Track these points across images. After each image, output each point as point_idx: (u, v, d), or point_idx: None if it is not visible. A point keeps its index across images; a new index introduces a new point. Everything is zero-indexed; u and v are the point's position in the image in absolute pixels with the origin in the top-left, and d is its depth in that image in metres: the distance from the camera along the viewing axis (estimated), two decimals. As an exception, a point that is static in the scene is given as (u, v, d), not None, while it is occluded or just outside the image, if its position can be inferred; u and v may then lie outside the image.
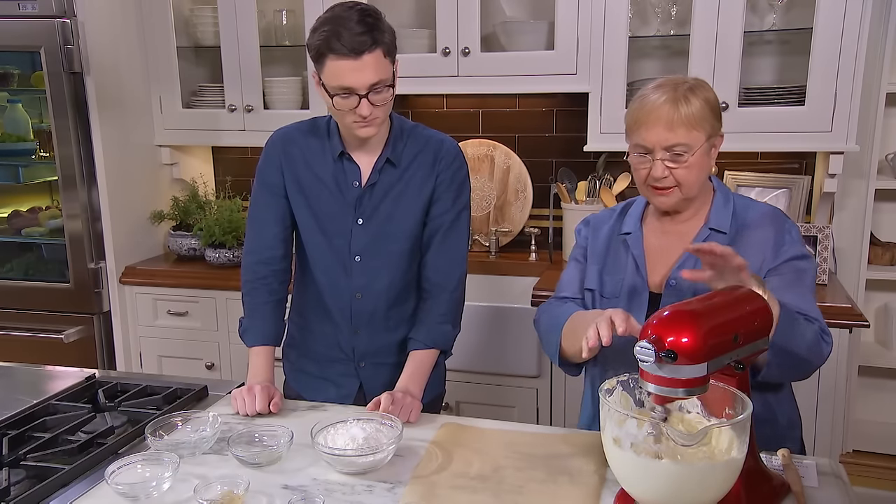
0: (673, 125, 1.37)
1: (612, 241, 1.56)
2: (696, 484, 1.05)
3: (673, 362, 1.05)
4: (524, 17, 2.75)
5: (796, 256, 1.43)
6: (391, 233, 1.66)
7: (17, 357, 2.49)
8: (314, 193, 1.67)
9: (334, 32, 1.46)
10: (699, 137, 1.39)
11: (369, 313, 1.70)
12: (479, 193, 2.86)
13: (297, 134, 1.70)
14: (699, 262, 1.41)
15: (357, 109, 1.51)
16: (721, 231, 1.45)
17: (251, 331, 1.69)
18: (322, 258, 1.69)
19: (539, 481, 1.26)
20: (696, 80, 1.44)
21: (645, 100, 1.41)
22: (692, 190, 1.43)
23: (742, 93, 2.41)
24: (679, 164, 1.39)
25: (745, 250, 1.41)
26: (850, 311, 2.17)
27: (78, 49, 2.56)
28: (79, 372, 1.77)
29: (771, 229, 1.44)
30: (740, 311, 1.14)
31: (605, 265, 1.55)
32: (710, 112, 1.39)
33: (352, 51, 1.46)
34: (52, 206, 2.96)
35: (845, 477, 1.26)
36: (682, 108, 1.37)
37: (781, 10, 2.44)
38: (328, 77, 1.50)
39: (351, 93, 1.49)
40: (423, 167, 1.66)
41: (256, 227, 1.71)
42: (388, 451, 1.31)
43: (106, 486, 1.23)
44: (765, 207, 1.50)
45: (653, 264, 1.50)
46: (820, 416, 2.22)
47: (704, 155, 1.41)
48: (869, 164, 2.57)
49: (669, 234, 1.51)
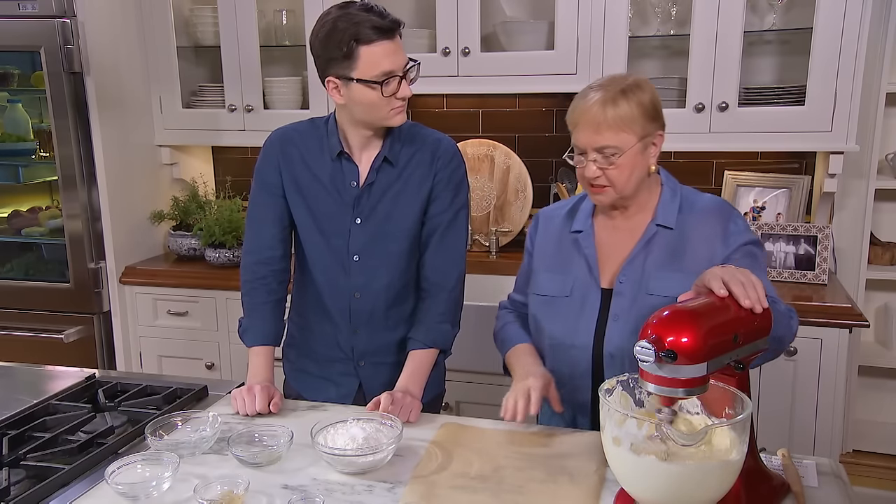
0: (600, 128, 1.39)
1: (562, 238, 1.58)
2: (696, 484, 1.05)
3: (673, 362, 1.05)
4: (524, 17, 2.75)
5: (747, 242, 1.44)
6: (389, 232, 1.66)
7: (17, 357, 2.49)
8: (312, 193, 1.67)
9: (355, 24, 1.47)
10: (629, 139, 1.40)
11: (368, 312, 1.70)
12: (479, 193, 2.86)
13: (294, 134, 1.70)
14: (648, 258, 1.46)
15: (399, 94, 1.53)
16: (667, 227, 1.47)
17: (251, 331, 1.69)
18: (321, 258, 1.69)
19: (539, 481, 1.26)
20: (636, 80, 1.44)
21: (578, 101, 1.44)
22: (625, 189, 1.44)
23: (742, 93, 2.41)
24: (610, 165, 1.41)
25: (694, 244, 1.45)
26: (850, 311, 2.17)
27: (78, 49, 2.56)
28: (79, 372, 1.77)
29: (717, 221, 1.46)
30: (740, 311, 1.14)
31: (556, 264, 1.56)
32: (641, 114, 1.40)
33: (386, 31, 1.48)
34: (52, 205, 2.96)
35: (845, 477, 1.27)
36: (609, 111, 1.38)
37: (781, 9, 2.44)
38: (366, 68, 1.49)
39: (391, 76, 1.50)
40: (420, 166, 1.66)
41: (255, 227, 1.72)
42: (388, 451, 1.31)
43: (106, 486, 1.23)
44: (710, 200, 1.51)
45: (604, 261, 1.52)
46: (820, 415, 2.22)
47: (637, 155, 1.42)
48: (869, 164, 2.57)
49: (619, 229, 1.52)
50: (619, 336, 1.46)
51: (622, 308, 1.46)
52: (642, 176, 1.45)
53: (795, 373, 2.22)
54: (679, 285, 1.42)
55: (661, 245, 1.47)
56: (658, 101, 1.44)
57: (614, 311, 1.47)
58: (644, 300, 1.44)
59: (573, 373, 1.52)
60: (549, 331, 1.54)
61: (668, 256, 1.46)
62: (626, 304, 1.46)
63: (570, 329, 1.50)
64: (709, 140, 2.43)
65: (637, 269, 1.46)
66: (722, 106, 2.37)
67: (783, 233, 2.44)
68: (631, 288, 1.46)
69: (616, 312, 1.47)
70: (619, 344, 1.46)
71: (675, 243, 1.46)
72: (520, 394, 1.40)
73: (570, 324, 1.51)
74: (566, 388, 1.54)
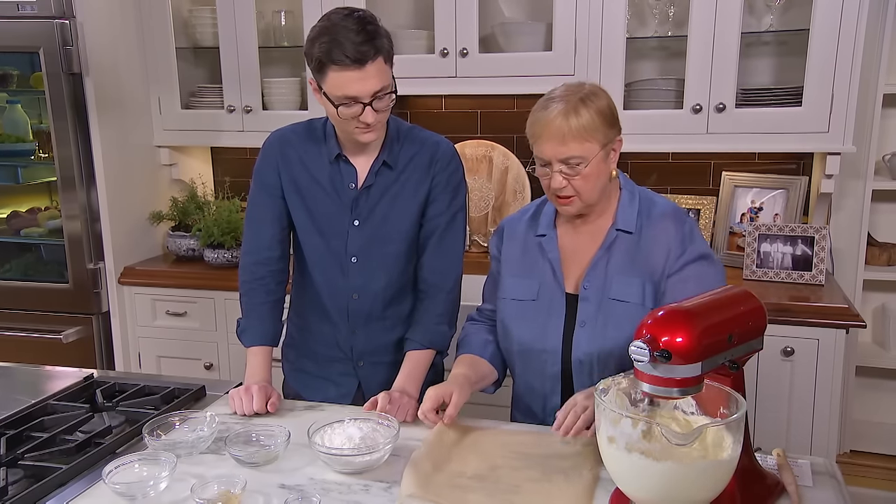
0: (565, 139, 1.40)
1: (527, 243, 1.59)
2: (691, 483, 1.05)
3: (667, 362, 1.05)
4: (522, 18, 2.76)
5: (697, 258, 1.45)
6: (387, 234, 1.66)
7: (15, 357, 2.49)
8: (311, 195, 1.67)
9: (335, 43, 1.45)
10: (593, 148, 1.41)
11: (366, 313, 1.70)
12: (478, 194, 2.86)
13: (293, 136, 1.70)
14: (610, 262, 1.47)
15: (361, 118, 1.51)
16: (627, 231, 1.48)
17: (249, 331, 1.69)
18: (319, 259, 1.70)
19: (535, 480, 1.26)
20: (592, 87, 1.45)
21: (539, 113, 1.44)
22: (591, 197, 1.46)
23: (739, 94, 2.42)
24: (576, 175, 1.42)
25: (651, 249, 1.46)
26: (846, 311, 2.17)
27: (77, 50, 2.57)
28: (77, 372, 1.77)
29: (674, 229, 1.47)
30: (735, 310, 1.15)
31: (522, 269, 1.57)
32: (602, 122, 1.41)
33: (355, 61, 1.45)
34: (51, 206, 2.97)
35: (840, 476, 1.27)
36: (572, 121, 1.39)
37: (779, 11, 2.45)
38: (331, 87, 1.49)
39: (355, 101, 1.50)
40: (418, 169, 1.66)
41: (254, 227, 1.72)
42: (385, 451, 1.31)
43: (103, 486, 1.23)
44: (666, 206, 1.52)
45: (568, 265, 1.53)
46: (817, 416, 2.22)
47: (601, 163, 1.43)
48: (866, 165, 2.58)
49: (581, 233, 1.54)
50: (586, 342, 1.47)
51: (588, 314, 1.48)
52: (605, 183, 1.47)
53: (792, 373, 2.23)
54: (638, 290, 1.45)
55: (622, 249, 1.48)
56: (614, 106, 1.46)
57: (581, 317, 1.48)
58: (608, 305, 1.46)
59: (543, 378, 1.53)
60: (517, 335, 1.55)
61: (629, 261, 1.47)
62: (593, 309, 1.47)
63: (539, 334, 1.52)
64: (706, 141, 2.43)
65: (600, 275, 1.48)
66: (719, 107, 2.38)
67: (780, 233, 2.44)
68: (596, 293, 1.47)
69: (583, 318, 1.48)
70: (587, 350, 1.47)
71: (634, 247, 1.48)
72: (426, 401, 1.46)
73: (538, 328, 1.52)
74: (536, 393, 1.55)
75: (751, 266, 2.47)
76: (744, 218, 2.62)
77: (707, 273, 1.44)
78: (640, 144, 2.50)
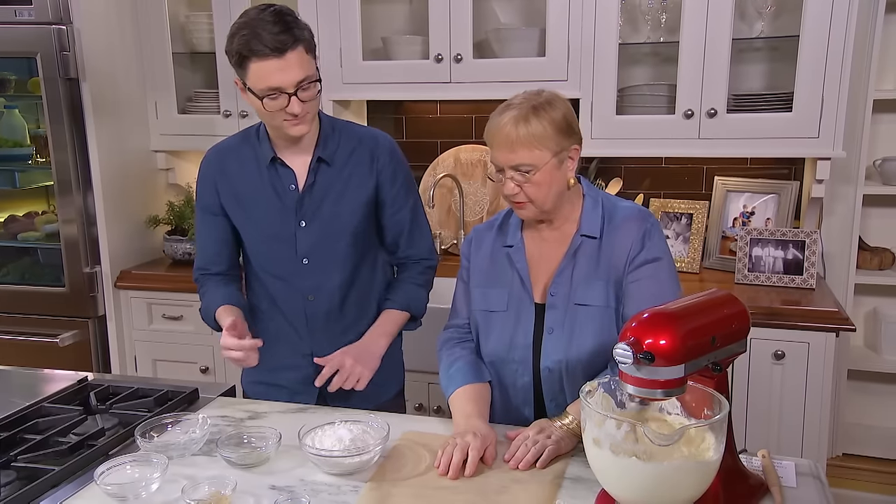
0: (514, 146, 1.41)
1: (494, 253, 1.59)
2: (675, 483, 1.07)
3: (650, 364, 1.07)
4: (516, 23, 2.78)
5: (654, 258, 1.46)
6: (336, 231, 1.68)
7: (12, 361, 2.50)
8: (253, 203, 1.69)
9: (254, 34, 1.48)
10: (543, 156, 1.41)
11: (324, 313, 1.72)
12: (472, 199, 2.88)
13: (228, 148, 1.73)
14: (576, 268, 1.48)
15: (288, 108, 1.52)
16: (592, 236, 1.49)
17: (211, 304, 1.71)
18: (271, 265, 1.72)
19: (522, 482, 1.28)
20: (549, 95, 1.46)
21: (493, 120, 1.46)
22: (545, 204, 1.46)
23: (731, 99, 2.44)
24: (527, 182, 1.43)
25: (612, 252, 1.48)
26: (836, 314, 2.19)
27: (74, 55, 2.58)
28: (72, 375, 1.79)
29: (636, 230, 1.48)
30: (718, 314, 1.16)
31: (490, 279, 1.57)
32: (554, 131, 1.41)
33: (274, 50, 1.48)
34: (48, 210, 2.98)
35: (824, 477, 1.28)
36: (521, 130, 1.40)
37: (769, 17, 2.47)
38: (254, 80, 1.51)
39: (279, 92, 1.51)
40: (360, 165, 1.68)
41: (200, 243, 1.79)
42: (375, 452, 1.33)
43: (95, 487, 1.24)
44: (629, 208, 1.53)
45: (535, 274, 1.53)
46: (807, 418, 2.24)
47: (553, 170, 1.43)
48: (857, 170, 2.60)
49: (547, 241, 1.54)
50: (554, 349, 1.48)
51: (556, 321, 1.49)
52: (561, 190, 1.47)
53: (783, 376, 2.24)
54: (601, 293, 1.46)
55: (587, 254, 1.49)
56: (571, 116, 1.46)
57: (549, 323, 1.49)
58: (574, 311, 1.47)
59: (515, 388, 1.54)
60: (487, 346, 1.56)
61: (594, 265, 1.48)
62: (559, 316, 1.48)
63: (507, 344, 1.52)
64: (698, 146, 2.45)
65: (566, 281, 1.49)
66: (711, 112, 2.40)
67: (772, 238, 2.46)
68: (562, 300, 1.48)
69: (550, 325, 1.49)
70: (555, 357, 1.48)
71: (598, 252, 1.49)
72: (458, 449, 1.31)
73: (507, 338, 1.52)
74: (510, 402, 1.56)
75: (743, 270, 2.48)
76: (736, 222, 2.64)
77: (661, 272, 1.46)
78: (632, 149, 2.52)
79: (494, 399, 1.58)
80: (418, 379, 2.22)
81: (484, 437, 1.35)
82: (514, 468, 1.32)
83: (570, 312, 1.47)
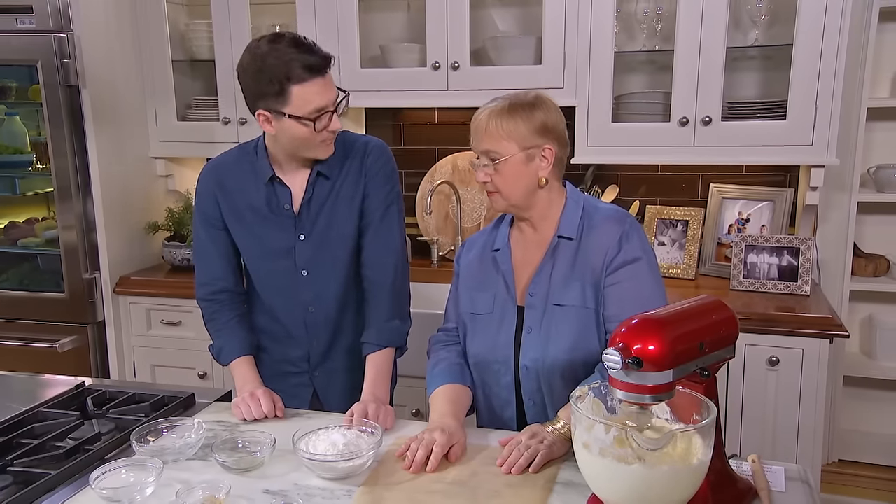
0: (483, 134, 1.49)
1: (483, 257, 1.62)
2: (663, 487, 1.08)
3: (639, 369, 1.08)
4: (513, 32, 2.80)
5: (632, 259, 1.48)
6: (333, 241, 1.69)
7: (11, 366, 2.51)
8: (252, 219, 1.70)
9: (291, 60, 1.49)
10: (510, 147, 1.47)
11: (323, 323, 1.74)
12: (470, 205, 2.90)
13: (225, 164, 1.73)
14: (554, 269, 1.51)
15: (331, 126, 1.55)
16: (568, 237, 1.52)
17: (226, 348, 1.72)
18: (271, 279, 1.73)
19: (514, 486, 1.29)
20: (535, 98, 1.50)
21: (477, 111, 1.52)
22: (512, 196, 1.51)
23: (725, 107, 2.45)
24: (496, 172, 1.48)
25: (589, 253, 1.50)
26: (830, 321, 2.20)
27: (74, 63, 2.61)
28: (70, 380, 1.80)
29: (614, 231, 1.50)
30: (707, 319, 1.17)
31: (478, 282, 1.61)
32: (527, 129, 1.47)
33: (318, 71, 1.51)
34: (48, 216, 3.00)
35: (812, 482, 1.29)
36: (493, 120, 1.47)
37: (764, 26, 2.49)
38: (299, 104, 1.52)
39: (323, 112, 1.54)
40: (352, 172, 1.70)
41: (204, 259, 1.76)
42: (368, 457, 1.34)
43: (90, 491, 1.26)
44: (607, 210, 1.56)
45: (519, 276, 1.57)
46: (802, 424, 2.24)
47: (520, 164, 1.48)
48: (851, 178, 2.61)
49: (529, 242, 1.58)
50: (532, 348, 1.51)
51: (534, 320, 1.51)
52: (530, 186, 1.50)
53: (778, 382, 2.25)
54: (578, 293, 1.48)
55: (565, 255, 1.52)
56: (553, 121, 1.50)
57: (527, 323, 1.52)
58: (552, 311, 1.50)
59: (498, 389, 1.57)
60: (471, 348, 1.59)
61: (571, 265, 1.51)
62: (538, 315, 1.51)
63: (490, 345, 1.55)
64: (693, 153, 2.47)
65: (544, 281, 1.52)
66: (706, 120, 2.41)
67: (767, 244, 2.48)
68: (541, 301, 1.51)
69: (529, 325, 1.52)
70: (533, 356, 1.51)
71: (575, 253, 1.51)
72: (422, 445, 1.36)
73: (490, 340, 1.56)
74: (494, 403, 1.58)
75: (738, 277, 2.49)
76: (731, 229, 2.65)
77: (641, 272, 1.48)
78: (628, 157, 2.54)
79: (479, 401, 1.61)
80: (414, 385, 2.23)
81: (451, 434, 1.39)
82: (506, 473, 1.33)
83: (547, 313, 1.50)
